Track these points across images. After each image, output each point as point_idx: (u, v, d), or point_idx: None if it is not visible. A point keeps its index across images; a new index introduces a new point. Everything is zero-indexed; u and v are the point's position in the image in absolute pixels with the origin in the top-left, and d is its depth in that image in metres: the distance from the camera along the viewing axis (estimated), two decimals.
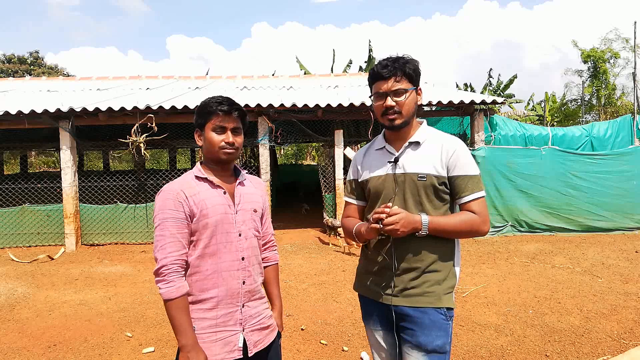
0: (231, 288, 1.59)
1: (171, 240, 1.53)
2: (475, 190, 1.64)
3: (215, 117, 1.60)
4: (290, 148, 24.94)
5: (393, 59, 1.66)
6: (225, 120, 1.60)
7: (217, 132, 1.60)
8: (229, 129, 1.61)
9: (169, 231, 1.53)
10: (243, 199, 1.67)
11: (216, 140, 1.60)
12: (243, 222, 1.64)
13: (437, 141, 1.70)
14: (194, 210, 1.55)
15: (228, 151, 1.61)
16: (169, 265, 1.51)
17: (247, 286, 1.63)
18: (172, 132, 8.94)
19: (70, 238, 7.39)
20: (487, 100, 7.71)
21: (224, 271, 1.58)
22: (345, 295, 4.67)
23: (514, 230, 7.75)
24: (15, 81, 11.20)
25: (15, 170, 19.12)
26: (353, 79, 11.17)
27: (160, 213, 1.55)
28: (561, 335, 3.60)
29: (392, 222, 1.51)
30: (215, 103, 1.60)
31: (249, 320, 1.63)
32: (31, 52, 30.47)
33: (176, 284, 1.51)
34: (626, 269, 5.48)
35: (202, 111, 1.63)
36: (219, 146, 1.60)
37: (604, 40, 16.79)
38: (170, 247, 1.52)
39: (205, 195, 1.58)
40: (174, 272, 1.51)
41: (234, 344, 1.57)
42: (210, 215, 1.56)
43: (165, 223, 1.53)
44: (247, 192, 1.71)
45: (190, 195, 1.56)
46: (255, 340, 1.63)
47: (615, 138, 8.60)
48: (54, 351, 3.49)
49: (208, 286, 1.57)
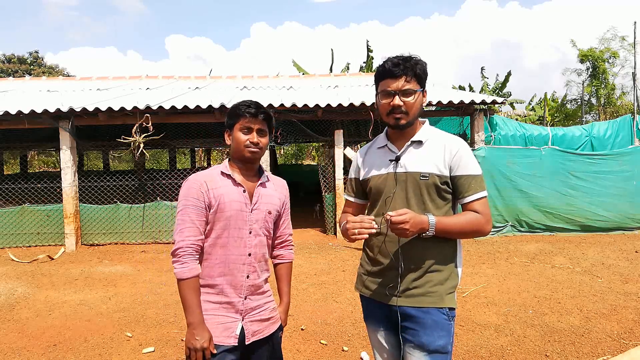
0: (235, 279, 1.70)
1: (190, 225, 1.67)
2: (479, 190, 1.64)
3: (243, 118, 1.73)
4: (290, 148, 24.93)
5: (404, 58, 1.64)
6: (252, 122, 1.73)
7: (243, 132, 1.73)
8: (255, 129, 1.73)
9: (189, 217, 1.67)
10: (261, 200, 1.77)
11: (242, 139, 1.72)
12: (256, 221, 1.74)
13: (440, 141, 1.70)
14: (212, 202, 1.68)
15: (253, 150, 1.72)
16: (185, 248, 1.65)
17: (250, 280, 1.72)
18: (172, 132, 8.95)
19: (70, 238, 7.38)
20: (487, 100, 7.71)
21: (231, 263, 1.70)
22: (345, 295, 4.67)
23: (514, 230, 7.75)
24: (15, 81, 11.20)
25: (15, 170, 19.13)
26: (353, 79, 11.18)
27: (184, 199, 1.69)
28: (561, 335, 3.60)
29: (402, 221, 1.49)
30: (244, 106, 1.74)
31: (249, 311, 1.72)
32: (31, 52, 30.49)
33: (189, 265, 1.64)
34: (626, 269, 5.48)
35: (232, 113, 1.76)
36: (245, 145, 1.72)
37: (602, 40, 16.81)
38: (188, 232, 1.66)
39: (225, 191, 1.70)
40: (188, 254, 1.65)
41: (232, 331, 1.67)
42: (226, 210, 1.68)
43: (186, 209, 1.68)
44: (266, 193, 1.81)
45: (212, 188, 1.69)
46: (255, 329, 1.72)
47: (615, 138, 8.60)
48: (54, 351, 3.48)
49: (215, 274, 1.69)
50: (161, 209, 7.70)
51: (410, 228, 1.50)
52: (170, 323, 4.02)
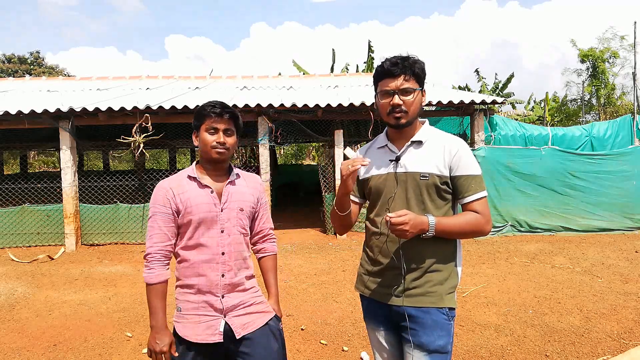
0: (210, 279, 1.71)
1: (158, 232, 1.71)
2: (478, 190, 1.64)
3: (208, 119, 1.72)
4: (290, 148, 24.93)
5: (402, 57, 1.65)
6: (218, 122, 1.72)
7: (210, 132, 1.73)
8: (221, 130, 1.73)
9: (157, 224, 1.71)
10: (231, 198, 1.77)
11: (209, 140, 1.72)
12: (228, 220, 1.75)
13: (440, 141, 1.70)
14: (179, 207, 1.71)
15: (219, 150, 1.72)
16: (153, 254, 1.70)
17: (226, 279, 1.73)
18: (172, 132, 8.95)
19: (70, 238, 7.38)
20: (487, 100, 7.71)
21: (204, 263, 1.71)
22: (345, 295, 4.67)
23: (513, 230, 7.75)
24: (15, 81, 11.20)
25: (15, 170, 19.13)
26: (353, 79, 11.18)
27: (152, 207, 1.73)
28: (561, 335, 3.60)
29: (401, 222, 1.49)
30: (209, 106, 1.73)
31: (231, 309, 1.73)
32: (32, 52, 30.49)
33: (156, 271, 1.70)
34: (626, 269, 5.48)
35: (197, 114, 1.76)
36: (211, 145, 1.71)
37: (601, 40, 16.79)
38: (156, 238, 1.71)
39: (191, 194, 1.72)
40: (156, 260, 1.70)
41: (215, 328, 1.69)
42: (194, 212, 1.70)
43: (155, 216, 1.72)
44: (237, 191, 1.80)
45: (178, 193, 1.71)
46: (244, 323, 1.73)
47: (615, 138, 8.59)
48: (54, 351, 3.48)
49: (191, 274, 1.72)
50: None
51: (409, 229, 1.50)
52: (170, 323, 4.01)
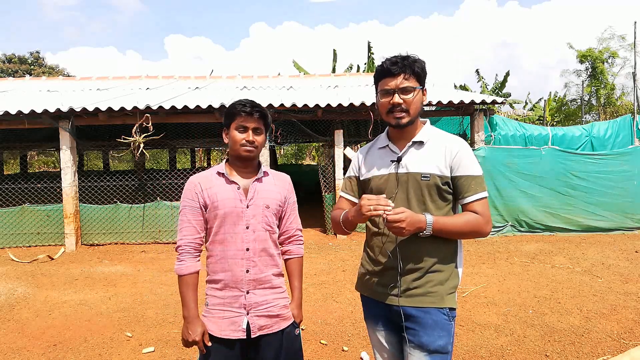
0: (235, 274, 1.74)
1: (187, 225, 1.77)
2: (479, 191, 1.64)
3: (238, 117, 1.76)
4: (290, 148, 24.94)
5: (402, 56, 1.65)
6: (247, 121, 1.76)
7: (239, 131, 1.77)
8: (250, 128, 1.77)
9: (186, 217, 1.77)
10: (257, 195, 1.80)
11: (238, 138, 1.76)
12: (253, 216, 1.77)
13: (441, 141, 1.70)
14: (207, 202, 1.76)
15: (248, 148, 1.76)
16: (183, 246, 1.76)
17: (251, 275, 1.75)
18: (172, 132, 8.95)
19: (70, 238, 7.38)
20: (487, 100, 7.71)
21: (230, 258, 1.74)
22: (345, 295, 4.67)
23: (514, 230, 7.75)
24: (15, 81, 11.20)
25: (15, 170, 19.12)
26: (353, 79, 11.17)
27: (182, 201, 1.80)
28: (561, 335, 3.60)
29: (398, 219, 1.48)
30: (239, 105, 1.77)
31: (254, 306, 1.74)
32: (32, 52, 30.49)
33: (186, 263, 1.75)
34: (626, 269, 5.48)
35: (228, 113, 1.80)
36: (240, 144, 1.76)
37: (600, 40, 16.80)
38: (186, 231, 1.77)
39: (218, 190, 1.76)
40: (186, 252, 1.76)
41: (238, 325, 1.72)
42: (220, 207, 1.74)
43: (184, 210, 1.78)
44: (264, 188, 1.82)
45: (205, 188, 1.77)
46: (261, 324, 1.74)
47: (615, 138, 8.59)
48: (54, 351, 3.48)
49: (217, 269, 1.76)
50: (161, 209, 7.70)
51: (406, 227, 1.50)
52: (170, 323, 4.02)
